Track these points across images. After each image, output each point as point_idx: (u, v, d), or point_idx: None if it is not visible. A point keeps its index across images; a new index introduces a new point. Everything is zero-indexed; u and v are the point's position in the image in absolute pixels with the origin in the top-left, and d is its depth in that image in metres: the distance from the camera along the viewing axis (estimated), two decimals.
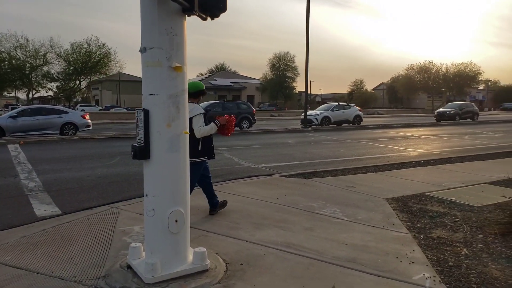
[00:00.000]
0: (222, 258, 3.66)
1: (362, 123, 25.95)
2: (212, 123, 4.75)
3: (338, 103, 27.07)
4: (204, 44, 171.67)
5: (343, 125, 24.81)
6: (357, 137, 17.23)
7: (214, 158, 5.12)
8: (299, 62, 68.26)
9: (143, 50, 3.14)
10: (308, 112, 24.99)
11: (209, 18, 3.30)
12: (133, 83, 59.62)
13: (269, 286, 3.15)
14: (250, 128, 21.48)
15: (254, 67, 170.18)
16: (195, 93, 4.78)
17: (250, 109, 22.35)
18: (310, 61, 23.46)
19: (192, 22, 3.35)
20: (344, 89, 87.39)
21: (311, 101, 46.07)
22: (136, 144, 3.29)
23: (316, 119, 24.03)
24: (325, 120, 24.11)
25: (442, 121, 29.81)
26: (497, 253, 3.83)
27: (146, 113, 3.16)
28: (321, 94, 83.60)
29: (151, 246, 3.28)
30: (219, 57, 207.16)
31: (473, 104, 34.95)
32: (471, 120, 31.34)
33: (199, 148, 4.80)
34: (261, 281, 3.22)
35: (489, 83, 79.82)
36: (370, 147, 13.45)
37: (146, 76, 3.17)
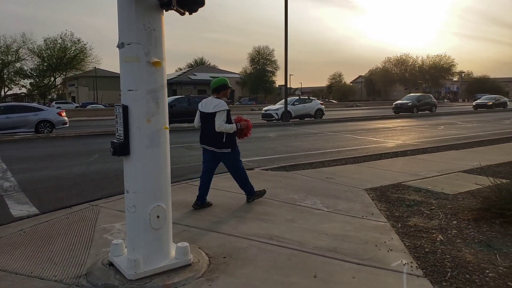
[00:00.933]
0: (205, 252, 3.69)
1: (340, 116, 26.22)
2: (234, 125, 5.03)
3: (299, 97, 26.84)
4: (182, 39, 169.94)
5: (305, 119, 24.12)
6: (337, 130, 17.44)
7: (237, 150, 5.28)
8: (278, 56, 68.50)
9: (120, 45, 3.12)
10: (268, 107, 24.66)
11: (187, 13, 3.29)
12: (111, 79, 58.55)
13: (251, 277, 3.20)
14: None
15: (233, 61, 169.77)
16: (217, 88, 5.06)
17: None
18: (289, 55, 23.59)
19: (170, 17, 3.33)
20: (323, 83, 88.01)
21: (291, 94, 46.35)
22: (115, 141, 3.27)
23: (276, 113, 23.32)
24: (286, 115, 23.29)
25: (400, 113, 29.07)
26: (470, 238, 3.98)
27: (125, 108, 3.14)
28: (301, 87, 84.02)
29: (133, 242, 3.28)
30: (198, 52, 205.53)
31: (431, 95, 34.77)
32: (429, 112, 30.97)
33: (224, 140, 5.02)
34: (243, 273, 3.26)
35: (463, 75, 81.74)
36: (349, 139, 13.64)
37: (124, 72, 3.15)
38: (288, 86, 28.29)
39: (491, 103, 36.80)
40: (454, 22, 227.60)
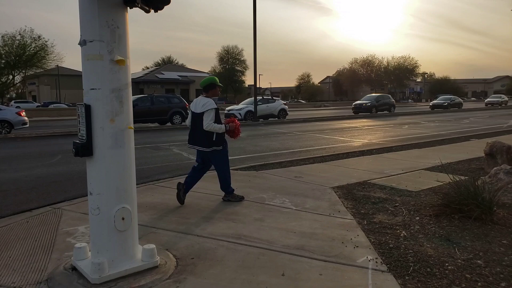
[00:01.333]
0: (172, 253, 3.64)
1: (309, 116, 26.53)
2: (223, 125, 5.08)
3: (262, 97, 26.89)
4: (149, 37, 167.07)
5: (269, 119, 24.06)
6: (305, 130, 17.64)
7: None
8: (248, 56, 68.34)
9: (82, 43, 3.03)
10: (231, 107, 24.49)
11: (152, 10, 3.24)
12: (74, 78, 56.76)
13: (219, 278, 3.18)
14: (183, 123, 20.40)
15: (202, 60, 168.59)
16: (205, 87, 5.12)
17: (182, 103, 21.27)
18: (258, 55, 23.65)
19: (136, 14, 3.27)
20: (292, 83, 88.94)
21: (261, 94, 46.51)
22: (78, 141, 3.17)
23: (240, 113, 23.04)
24: (249, 115, 23.18)
25: (359, 113, 29.42)
26: (431, 233, 4.12)
27: (88, 108, 3.06)
28: (270, 87, 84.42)
29: (97, 245, 3.19)
30: (165, 50, 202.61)
31: (390, 96, 34.81)
32: (388, 112, 31.16)
33: (214, 139, 5.09)
34: (212, 274, 3.25)
35: (426, 76, 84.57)
36: (317, 139, 13.83)
37: (86, 70, 3.06)
38: (258, 86, 28.37)
39: (446, 103, 37.77)
40: (418, 24, 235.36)
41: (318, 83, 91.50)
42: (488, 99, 49.37)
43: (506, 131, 15.26)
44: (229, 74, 61.88)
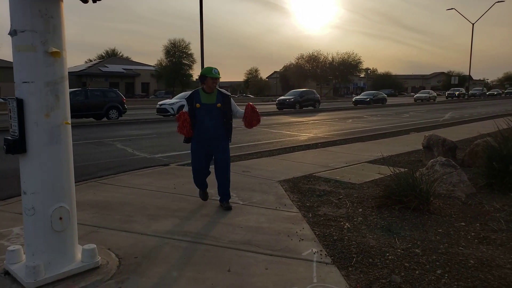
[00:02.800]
0: (114, 253, 3.50)
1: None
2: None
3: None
4: (91, 28, 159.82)
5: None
6: None
7: (185, 142, 4.86)
8: (195, 49, 67.50)
9: (13, 33, 2.82)
10: (164, 101, 23.66)
11: (90, 1, 3.07)
12: (11, 70, 52.99)
13: (164, 276, 3.11)
14: (120, 118, 19.77)
15: (148, 53, 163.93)
16: (200, 79, 4.76)
17: (119, 98, 20.32)
18: (205, 49, 23.40)
19: (77, 4, 3.08)
20: (241, 77, 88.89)
21: None
22: (9, 137, 2.96)
23: (172, 108, 21.94)
24: (182, 109, 22.45)
25: (284, 109, 28.45)
26: (373, 224, 4.29)
27: (20, 102, 2.85)
28: (219, 82, 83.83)
29: (32, 247, 3.00)
30: (109, 43, 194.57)
31: (314, 91, 33.50)
32: (312, 108, 30.40)
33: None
34: (156, 272, 3.16)
35: (369, 71, 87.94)
36: (264, 133, 13.94)
37: (18, 62, 2.85)
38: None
39: (368, 99, 37.24)
40: (361, 21, 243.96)
41: (266, 78, 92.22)
42: (417, 95, 50.33)
43: (442, 125, 16.24)
44: (176, 67, 60.49)
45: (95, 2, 3.12)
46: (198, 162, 4.81)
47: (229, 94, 4.87)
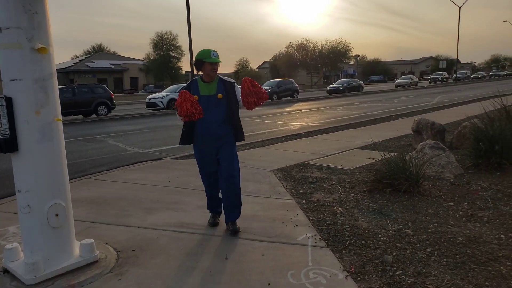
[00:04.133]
0: (112, 247, 3.55)
1: None
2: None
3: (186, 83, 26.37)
4: (76, 23, 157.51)
5: None
6: (245, 115, 17.70)
7: (181, 144, 3.84)
8: (183, 42, 66.58)
9: None
10: (153, 95, 23.49)
11: None
12: None
13: (163, 267, 3.17)
14: (110, 114, 19.63)
15: (135, 47, 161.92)
16: (195, 64, 3.72)
17: (107, 93, 20.19)
18: (194, 41, 23.20)
19: None
20: (231, 68, 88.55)
21: None
22: (0, 137, 2.97)
23: (162, 102, 21.94)
24: (172, 103, 21.46)
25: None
26: (365, 208, 4.38)
27: (9, 101, 2.85)
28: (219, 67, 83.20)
29: (30, 245, 3.03)
30: (95, 38, 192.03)
31: (293, 81, 31.98)
32: (291, 98, 29.14)
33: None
34: (155, 263, 3.22)
35: (358, 58, 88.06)
36: (257, 124, 13.99)
37: (4, 60, 2.84)
38: (195, 72, 27.89)
39: (343, 87, 35.43)
40: (349, 8, 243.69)
41: (256, 68, 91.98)
42: (397, 81, 48.27)
43: (431, 109, 16.41)
44: (164, 60, 60.06)
45: None
46: (208, 166, 3.87)
47: (233, 81, 3.85)
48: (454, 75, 59.09)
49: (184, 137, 3.79)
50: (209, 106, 3.64)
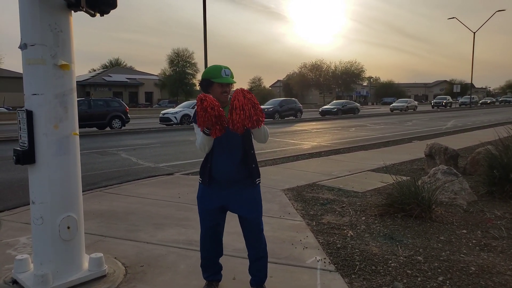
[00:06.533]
0: (121, 262, 3.56)
1: None
2: (201, 134, 2.70)
3: None
4: (95, 38, 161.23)
5: None
6: None
7: (207, 184, 2.92)
8: (198, 59, 67.90)
9: (23, 46, 2.90)
10: (167, 110, 23.76)
11: (98, 14, 3.17)
12: (15, 80, 53.41)
13: (170, 284, 3.16)
14: (123, 128, 19.93)
15: (151, 62, 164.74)
16: (201, 85, 2.86)
17: (122, 107, 20.63)
18: (209, 58, 23.53)
19: (82, 15, 3.16)
20: (244, 86, 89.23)
21: None
22: (19, 148, 3.03)
23: (175, 117, 22.29)
24: (185, 118, 22.18)
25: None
26: (376, 232, 4.33)
27: (30, 114, 2.93)
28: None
29: (40, 256, 3.06)
30: (113, 52, 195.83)
31: (296, 100, 30.94)
32: (294, 118, 28.58)
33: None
34: (162, 281, 3.21)
35: (371, 80, 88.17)
36: (268, 142, 13.98)
37: (28, 75, 2.93)
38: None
39: (336, 109, 32.94)
40: (364, 30, 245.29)
41: (269, 86, 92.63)
42: (393, 104, 44.09)
43: (444, 133, 16.26)
44: (180, 77, 60.95)
45: (103, 15, 3.22)
46: (209, 219, 2.99)
47: None
48: (460, 100, 56.79)
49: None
50: (221, 140, 2.76)
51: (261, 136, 2.79)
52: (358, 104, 38.01)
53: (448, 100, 52.34)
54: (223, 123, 2.57)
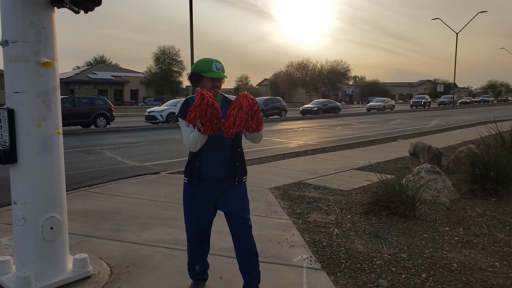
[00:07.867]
0: (106, 262, 3.52)
1: None
2: (195, 131, 2.60)
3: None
4: (79, 35, 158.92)
5: None
6: None
7: (195, 184, 2.85)
8: (184, 56, 67.23)
9: (4, 43, 2.85)
10: (153, 108, 23.63)
11: (82, 11, 3.12)
12: (2, 77, 52.60)
13: (155, 285, 3.14)
14: (108, 126, 19.70)
15: (137, 60, 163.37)
16: (190, 79, 2.79)
17: (107, 105, 20.28)
18: (195, 56, 23.38)
19: (65, 11, 3.11)
20: (231, 84, 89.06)
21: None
22: (0, 147, 2.97)
23: (161, 115, 22.12)
24: (171, 117, 21.90)
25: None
26: (361, 230, 4.37)
27: (11, 112, 2.87)
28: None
29: (22, 258, 3.01)
30: (97, 49, 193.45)
31: (280, 99, 30.97)
32: (278, 117, 28.73)
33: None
34: (148, 281, 3.19)
35: (357, 79, 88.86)
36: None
37: (9, 72, 2.88)
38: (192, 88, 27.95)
39: (316, 108, 32.71)
40: (350, 30, 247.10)
41: (256, 85, 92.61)
42: (370, 104, 43.48)
43: (428, 132, 16.49)
44: (165, 74, 60.44)
45: (87, 12, 3.17)
46: (196, 218, 2.94)
47: None
48: (439, 100, 57.20)
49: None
50: (210, 138, 2.66)
51: (257, 139, 2.73)
52: (339, 104, 37.84)
53: (427, 99, 51.97)
54: (218, 124, 2.52)
